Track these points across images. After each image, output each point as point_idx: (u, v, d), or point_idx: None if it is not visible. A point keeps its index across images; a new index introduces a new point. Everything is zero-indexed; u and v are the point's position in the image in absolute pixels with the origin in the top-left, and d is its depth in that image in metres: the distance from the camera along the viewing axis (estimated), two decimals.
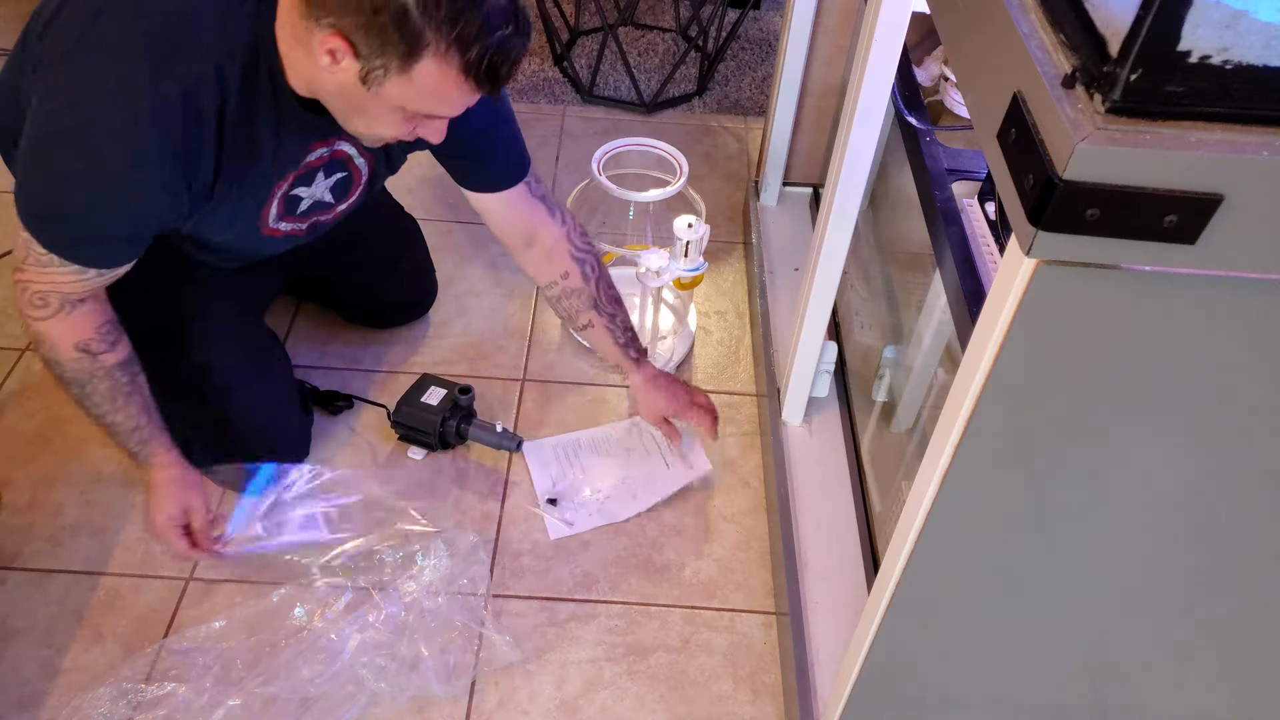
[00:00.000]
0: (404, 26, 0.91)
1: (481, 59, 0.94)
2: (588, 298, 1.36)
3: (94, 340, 1.11)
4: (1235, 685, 0.90)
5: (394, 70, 0.94)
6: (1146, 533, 0.74)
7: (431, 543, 1.32)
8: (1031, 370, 0.62)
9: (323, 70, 0.96)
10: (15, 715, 1.16)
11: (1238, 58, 0.49)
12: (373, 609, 1.24)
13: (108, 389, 1.14)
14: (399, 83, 0.95)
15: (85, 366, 1.12)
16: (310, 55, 0.96)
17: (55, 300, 1.07)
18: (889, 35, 1.01)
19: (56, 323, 1.08)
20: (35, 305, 1.07)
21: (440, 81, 0.95)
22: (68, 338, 1.10)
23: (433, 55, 0.93)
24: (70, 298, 1.08)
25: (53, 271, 1.05)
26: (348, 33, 0.92)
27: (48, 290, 1.06)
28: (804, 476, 1.38)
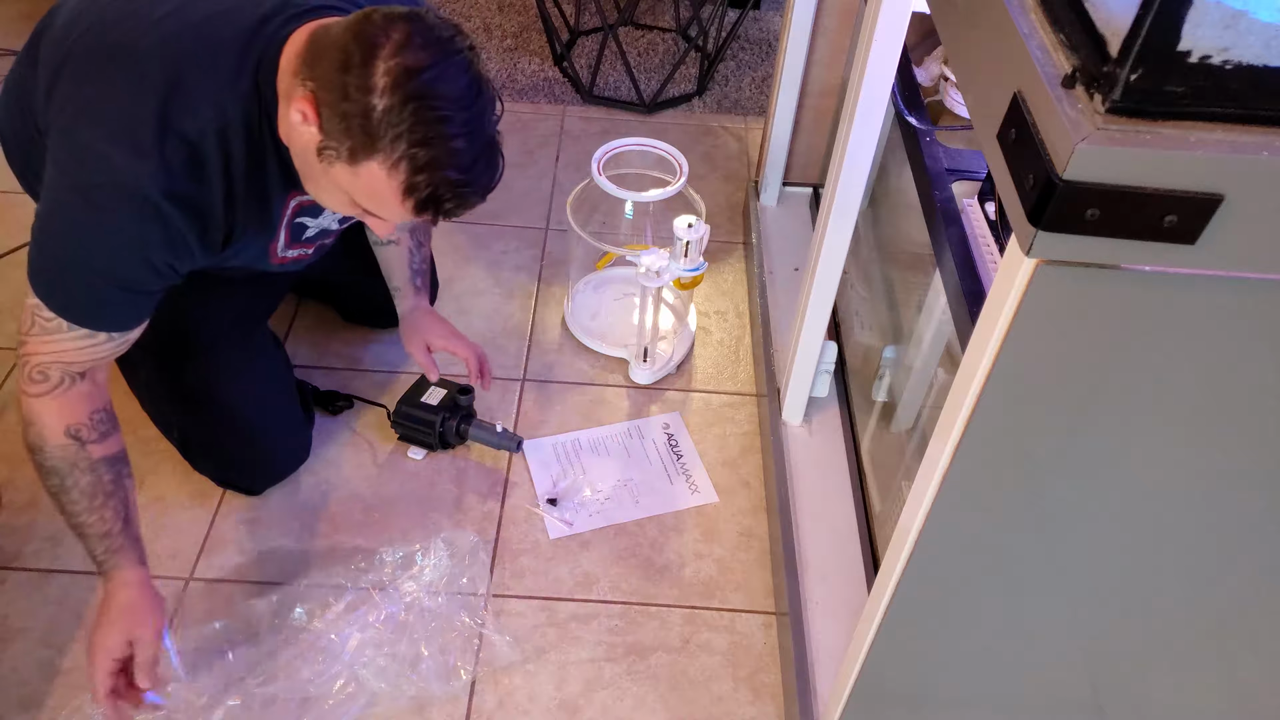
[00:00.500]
0: (365, 124, 0.91)
1: (425, 188, 0.94)
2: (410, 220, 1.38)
3: (85, 427, 1.03)
4: (1235, 685, 0.90)
5: (344, 158, 0.94)
6: (1146, 532, 0.74)
7: (431, 542, 1.32)
8: (1031, 370, 0.62)
9: (293, 126, 0.96)
10: (15, 715, 1.16)
11: (1238, 58, 0.49)
12: (372, 609, 1.24)
13: (88, 484, 1.04)
14: (346, 171, 0.95)
15: (70, 455, 1.02)
16: (287, 109, 0.97)
17: (56, 373, 1.02)
18: (889, 35, 1.01)
19: (52, 399, 1.01)
20: (34, 380, 1.01)
21: (380, 190, 0.95)
22: (59, 419, 1.02)
23: (380, 163, 0.92)
24: (71, 369, 1.02)
25: (59, 339, 1.01)
26: (319, 103, 0.93)
27: (50, 362, 1.01)
28: (804, 476, 1.38)
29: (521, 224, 1.89)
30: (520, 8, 2.50)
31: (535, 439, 1.51)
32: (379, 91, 0.90)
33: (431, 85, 0.90)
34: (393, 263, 1.43)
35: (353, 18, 0.94)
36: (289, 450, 1.41)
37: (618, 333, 1.67)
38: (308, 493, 1.41)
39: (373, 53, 0.90)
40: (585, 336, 1.66)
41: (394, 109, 0.90)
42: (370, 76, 0.89)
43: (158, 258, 1.01)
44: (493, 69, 2.28)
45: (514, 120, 2.14)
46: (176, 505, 1.38)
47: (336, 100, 0.91)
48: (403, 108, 0.90)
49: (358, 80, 0.90)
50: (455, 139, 0.92)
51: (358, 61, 0.90)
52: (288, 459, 1.41)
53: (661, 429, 1.54)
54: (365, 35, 0.91)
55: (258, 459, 1.38)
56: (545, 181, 1.99)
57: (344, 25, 0.94)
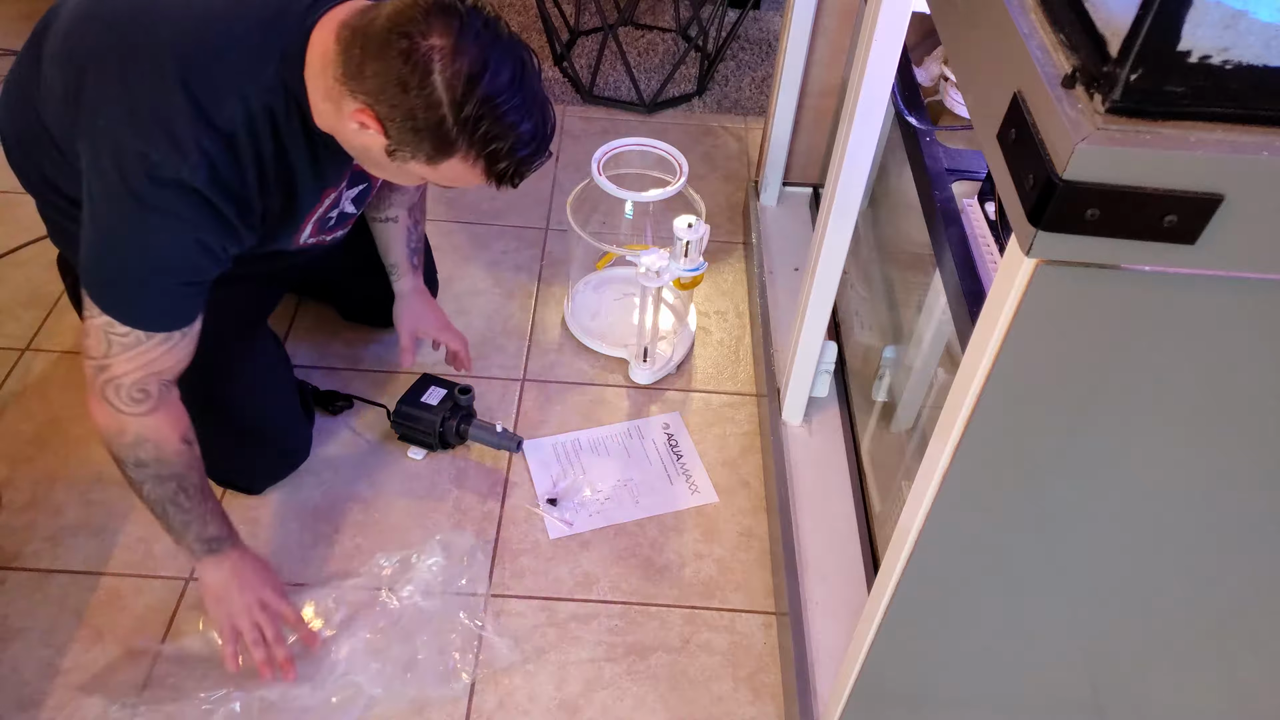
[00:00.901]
0: (437, 133, 0.97)
1: (507, 170, 1.02)
2: (409, 198, 1.41)
3: (189, 429, 1.08)
4: (1235, 685, 0.90)
5: (421, 160, 1.00)
6: (1146, 532, 0.74)
7: (427, 544, 1.32)
8: (1031, 370, 0.62)
9: (349, 130, 1.01)
10: (15, 715, 1.16)
11: (1238, 58, 0.49)
12: (370, 612, 1.24)
13: (199, 480, 1.10)
14: (423, 167, 1.02)
15: (187, 458, 1.07)
16: (339, 113, 1.01)
17: (153, 387, 1.03)
18: (889, 35, 1.01)
19: (161, 414, 1.04)
20: (136, 400, 1.02)
21: (463, 175, 1.02)
22: (174, 430, 1.06)
23: (460, 159, 1.00)
24: (164, 378, 1.04)
25: (143, 351, 1.02)
26: (380, 116, 0.97)
27: (144, 376, 1.02)
28: (804, 476, 1.38)
29: (521, 224, 1.89)
30: (520, 8, 2.50)
31: (535, 439, 1.51)
32: (446, 105, 0.95)
33: (490, 86, 0.95)
34: (391, 239, 1.44)
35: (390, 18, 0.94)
36: (289, 450, 1.41)
37: (618, 333, 1.67)
38: (308, 492, 1.41)
39: (426, 68, 0.93)
40: (585, 336, 1.66)
41: (467, 120, 0.96)
42: (432, 93, 0.94)
43: (214, 242, 1.03)
44: None
45: None
46: None
47: (403, 118, 0.96)
48: (475, 118, 0.96)
49: (422, 100, 0.94)
50: (522, 123, 0.99)
51: (416, 83, 0.94)
52: (287, 459, 1.41)
53: (661, 429, 1.54)
54: (412, 51, 0.93)
55: (257, 459, 1.38)
56: (545, 181, 1.99)
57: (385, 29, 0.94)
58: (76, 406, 1.50)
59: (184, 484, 1.09)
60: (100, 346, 1.01)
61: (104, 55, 1.01)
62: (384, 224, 1.43)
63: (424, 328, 1.48)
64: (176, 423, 1.07)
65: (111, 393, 1.02)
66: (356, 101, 0.97)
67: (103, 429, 1.05)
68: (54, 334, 1.60)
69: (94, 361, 1.02)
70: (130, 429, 1.04)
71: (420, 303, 1.49)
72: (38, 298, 1.66)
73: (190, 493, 1.10)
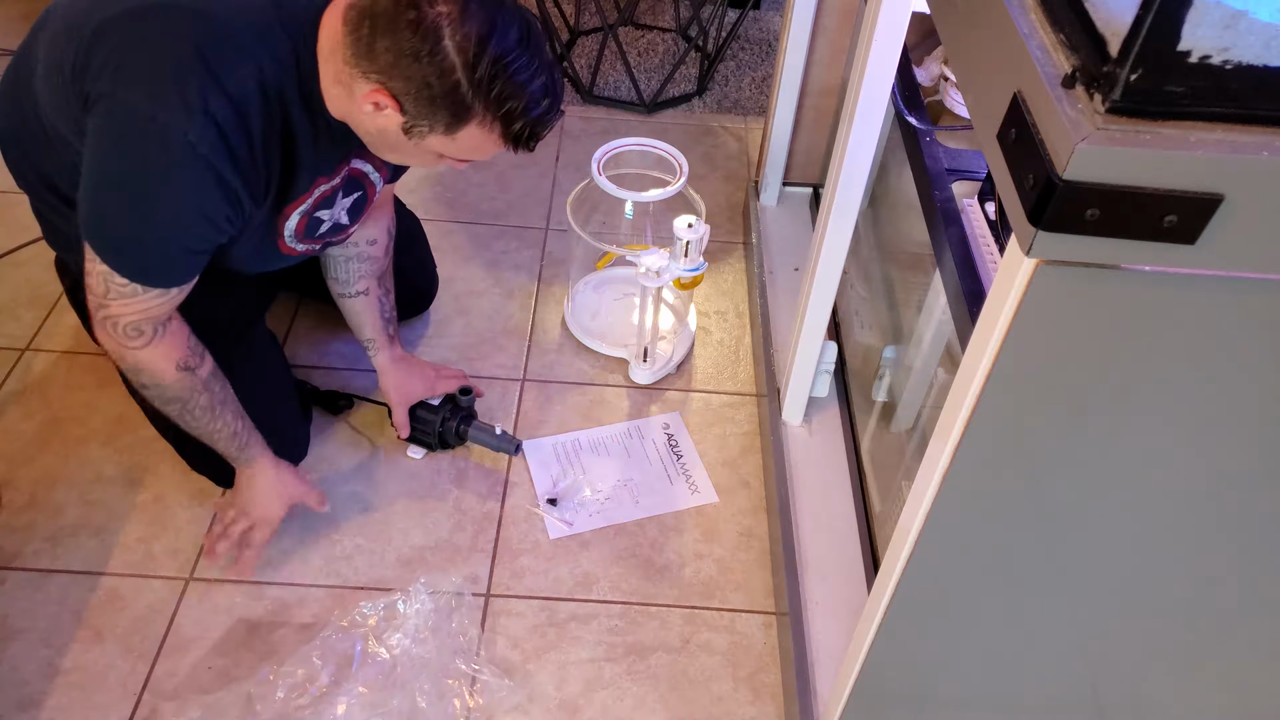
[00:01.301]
0: (453, 99, 0.98)
1: (523, 131, 1.03)
2: (378, 267, 1.40)
3: (188, 355, 1.12)
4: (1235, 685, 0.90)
5: (438, 131, 1.01)
6: (1146, 532, 0.74)
7: (412, 588, 1.26)
8: (1031, 370, 0.62)
9: (363, 114, 1.02)
10: (15, 715, 1.16)
11: (1238, 58, 0.49)
12: (361, 665, 1.19)
13: (207, 401, 1.15)
14: (441, 140, 1.02)
15: (186, 383, 1.12)
16: (351, 97, 1.02)
17: (148, 327, 1.08)
18: (889, 35, 1.01)
19: (155, 348, 1.09)
20: (131, 336, 1.07)
21: (481, 143, 1.03)
22: (169, 359, 1.10)
23: (478, 124, 1.00)
24: (159, 319, 1.08)
25: (140, 300, 1.05)
26: (395, 93, 0.98)
27: (139, 319, 1.06)
28: (804, 476, 1.38)
29: (521, 224, 1.89)
30: None
31: (535, 439, 1.51)
32: (459, 69, 0.96)
33: (500, 46, 0.96)
34: (364, 313, 1.40)
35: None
36: (284, 449, 1.41)
37: (618, 333, 1.67)
38: None
39: (437, 35, 0.94)
40: (585, 336, 1.66)
41: (481, 81, 0.97)
42: (445, 59, 0.95)
43: (217, 212, 1.03)
44: None
45: None
46: (176, 505, 1.38)
47: (418, 89, 0.97)
48: (489, 79, 0.97)
49: (434, 68, 0.95)
50: (532, 81, 1.00)
51: (427, 51, 0.95)
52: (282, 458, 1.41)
53: (661, 429, 1.54)
54: (420, 20, 0.94)
55: None
56: (545, 181, 1.99)
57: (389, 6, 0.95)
58: (76, 406, 1.50)
59: (188, 405, 1.14)
60: (99, 287, 1.05)
61: (114, 21, 1.00)
62: (354, 299, 1.39)
63: (415, 395, 1.44)
64: (171, 353, 1.10)
65: (110, 327, 1.07)
66: (370, 82, 0.98)
67: (105, 349, 1.10)
68: (54, 334, 1.60)
69: (94, 298, 1.06)
70: (127, 358, 1.09)
71: (404, 372, 1.44)
72: (38, 298, 1.66)
73: (196, 413, 1.16)
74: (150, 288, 1.05)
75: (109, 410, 1.49)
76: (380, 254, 1.39)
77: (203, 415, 1.16)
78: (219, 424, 1.18)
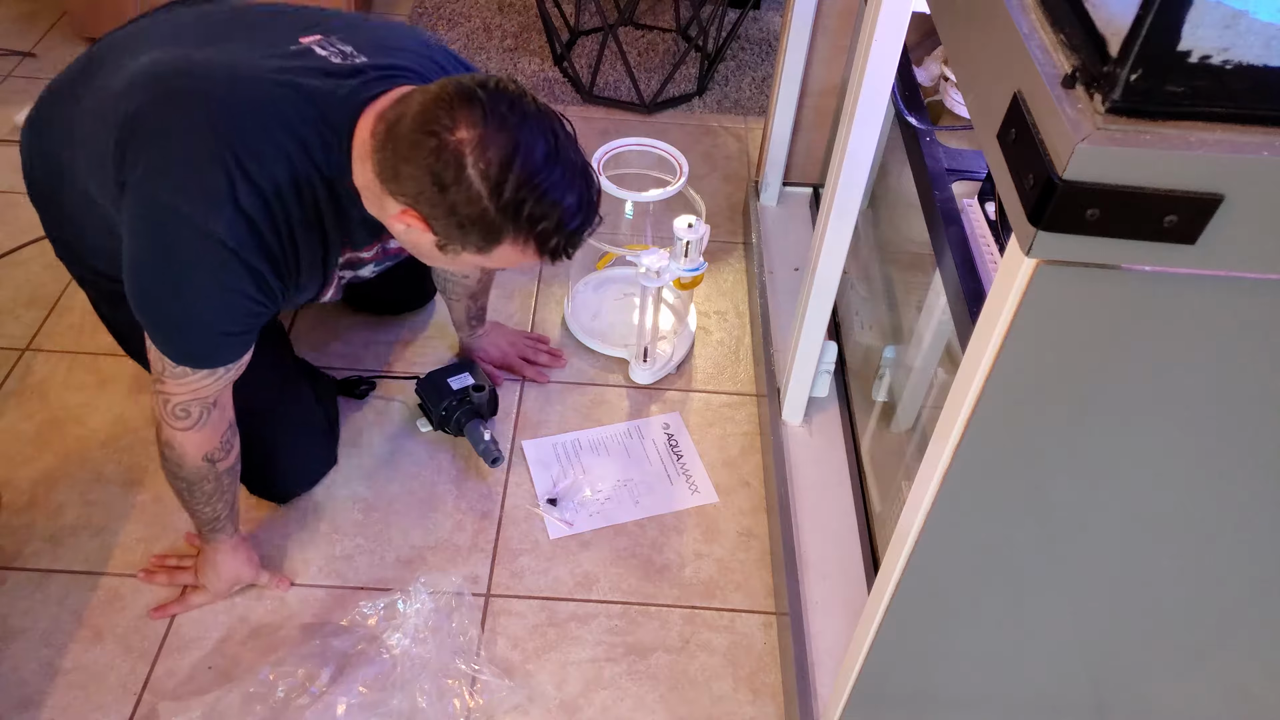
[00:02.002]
0: (483, 224, 0.96)
1: (559, 245, 1.01)
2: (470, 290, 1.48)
3: (217, 449, 1.14)
4: (1235, 685, 0.90)
5: (472, 250, 1.00)
6: (1146, 532, 0.74)
7: (412, 588, 1.26)
8: (1031, 370, 0.62)
9: (398, 229, 1.03)
10: (15, 715, 1.16)
11: (1238, 58, 0.49)
12: (360, 665, 1.19)
13: (211, 488, 1.17)
14: (475, 256, 1.02)
15: (202, 472, 1.14)
16: (384, 211, 1.02)
17: (196, 409, 1.09)
18: (889, 35, 1.01)
19: (195, 433, 1.11)
20: (179, 416, 1.09)
21: (516, 257, 1.02)
22: (199, 449, 1.12)
23: (511, 243, 0.99)
24: (208, 401, 1.10)
25: (190, 380, 1.07)
26: (424, 216, 0.98)
27: (189, 400, 1.08)
28: (804, 476, 1.38)
29: None
30: (520, 8, 2.50)
31: (535, 439, 1.51)
32: (486, 196, 0.94)
33: (526, 165, 0.94)
34: (455, 313, 1.53)
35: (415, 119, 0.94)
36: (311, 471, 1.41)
37: (618, 333, 1.67)
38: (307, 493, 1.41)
39: (459, 164, 0.93)
40: (585, 336, 1.66)
41: (509, 205, 0.95)
42: (470, 186, 0.93)
43: (250, 300, 1.04)
44: (493, 69, 2.28)
45: None
46: (176, 505, 1.37)
47: (445, 214, 0.96)
48: (516, 203, 0.95)
49: (461, 195, 0.94)
50: (565, 196, 0.98)
51: (451, 179, 0.93)
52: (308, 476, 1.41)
53: (661, 429, 1.54)
54: (442, 149, 0.92)
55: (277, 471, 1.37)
56: None
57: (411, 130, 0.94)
58: (76, 407, 1.50)
59: (193, 489, 1.16)
60: (157, 365, 1.08)
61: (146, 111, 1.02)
62: (452, 302, 1.51)
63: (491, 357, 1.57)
64: (205, 444, 1.12)
65: (161, 403, 1.09)
66: (399, 203, 0.98)
67: (154, 416, 1.12)
68: (54, 334, 1.60)
69: (154, 374, 1.09)
70: (164, 433, 1.11)
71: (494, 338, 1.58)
72: (38, 298, 1.66)
73: (197, 494, 1.17)
74: (199, 369, 1.07)
75: (109, 410, 1.49)
76: (472, 284, 1.46)
77: (199, 497, 1.17)
78: (208, 508, 1.19)
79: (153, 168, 1.00)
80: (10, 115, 2.01)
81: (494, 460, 1.41)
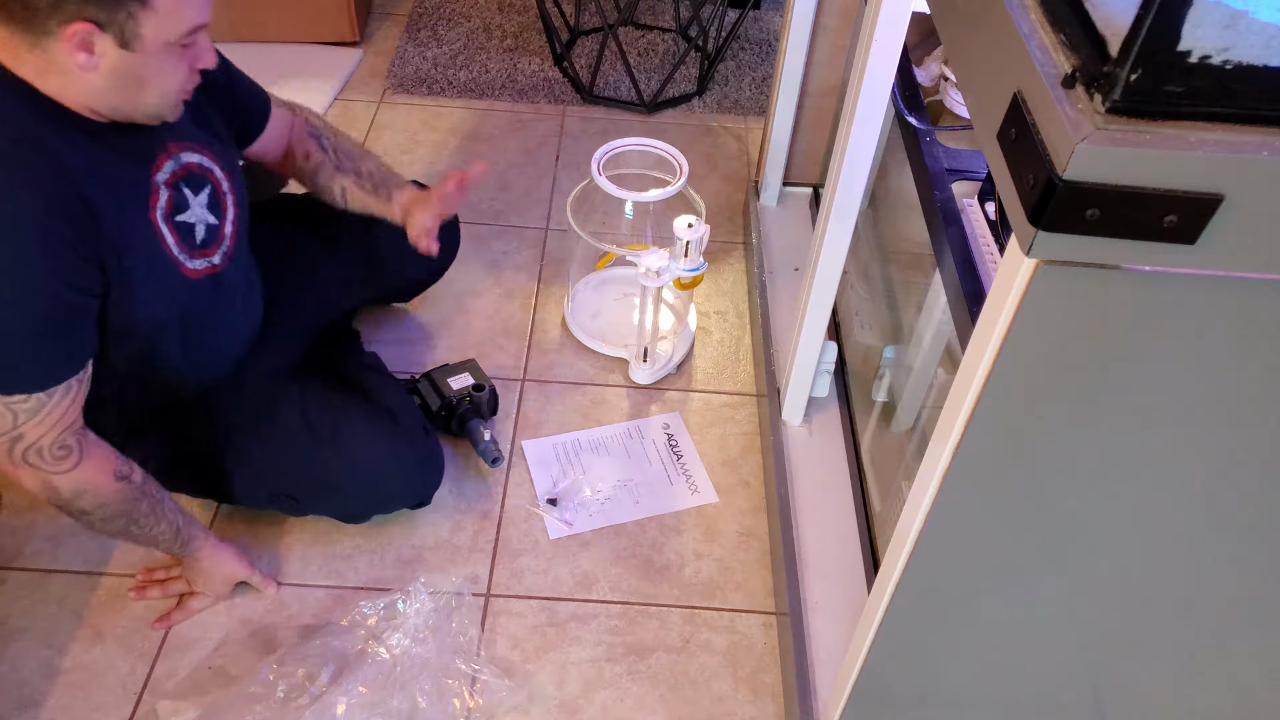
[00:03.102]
0: None
1: None
2: (331, 167, 1.36)
3: (119, 464, 1.07)
4: (1235, 685, 0.90)
5: (140, 16, 0.93)
6: (1146, 532, 0.74)
7: (411, 588, 1.26)
8: (1031, 370, 0.62)
9: (86, 71, 0.95)
10: (15, 715, 1.16)
11: (1238, 58, 0.49)
12: (360, 665, 1.18)
13: (148, 506, 1.11)
14: (149, 19, 0.94)
15: (128, 493, 1.08)
16: (65, 71, 0.95)
17: (71, 439, 1.02)
18: (889, 35, 1.01)
19: (87, 462, 1.03)
20: (60, 458, 1.01)
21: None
22: (105, 471, 1.05)
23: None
24: (75, 427, 1.02)
25: (49, 410, 0.99)
26: (77, 13, 0.91)
27: (59, 433, 1.00)
28: (804, 476, 1.38)
29: (521, 224, 1.89)
30: (520, 8, 2.50)
31: (535, 439, 1.51)
32: None
33: None
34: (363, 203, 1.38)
35: None
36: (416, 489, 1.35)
37: (618, 333, 1.67)
38: None
39: None
40: (585, 336, 1.66)
41: None
42: None
43: (58, 272, 0.97)
44: (493, 69, 2.28)
45: (514, 120, 2.14)
46: None
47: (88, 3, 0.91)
48: None
49: None
50: None
51: None
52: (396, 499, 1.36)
53: (661, 429, 1.54)
54: None
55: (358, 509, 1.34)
56: (545, 181, 1.99)
57: None
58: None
59: (133, 515, 1.10)
60: (6, 421, 0.98)
61: None
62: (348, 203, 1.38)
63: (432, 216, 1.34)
64: (104, 464, 1.05)
65: (35, 458, 1.00)
66: (55, 36, 0.92)
67: (38, 492, 1.03)
68: None
69: (5, 436, 0.98)
70: (64, 486, 1.03)
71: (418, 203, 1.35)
72: None
73: (141, 521, 1.11)
74: (52, 391, 0.98)
75: None
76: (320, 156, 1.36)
77: (148, 522, 1.12)
78: (163, 525, 1.14)
79: None
80: None
81: (494, 460, 1.41)
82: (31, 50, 0.93)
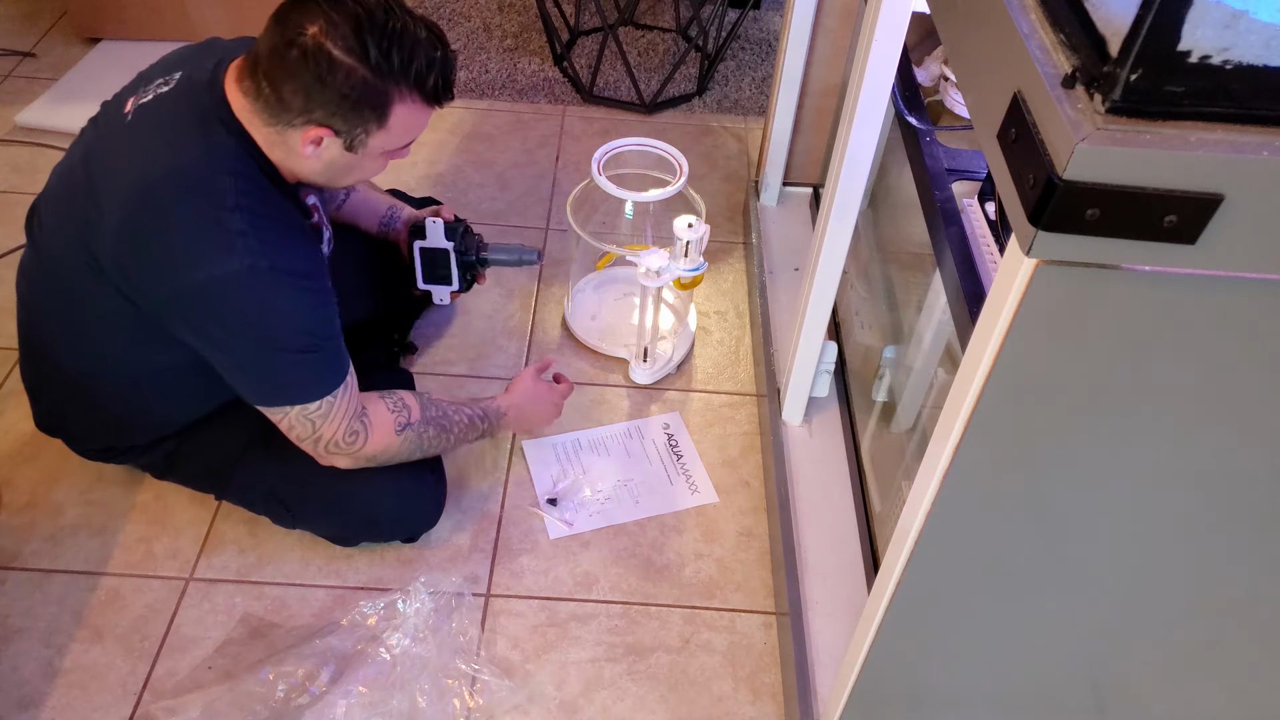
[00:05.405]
0: (367, 92, 1.03)
1: (436, 84, 1.08)
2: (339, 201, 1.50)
3: (395, 417, 1.20)
4: (1235, 685, 0.90)
5: (373, 129, 1.07)
6: (1146, 532, 0.74)
7: (411, 587, 1.26)
8: (1031, 370, 0.62)
9: (307, 162, 1.08)
10: (15, 715, 1.16)
11: (1238, 58, 0.49)
12: (360, 665, 1.19)
13: (435, 432, 1.25)
14: (379, 135, 1.08)
15: (411, 438, 1.22)
16: (291, 152, 1.07)
17: (357, 424, 1.16)
18: (889, 35, 1.01)
19: (374, 434, 1.18)
20: (352, 442, 1.17)
21: (412, 117, 1.09)
22: (389, 434, 1.19)
23: (399, 101, 1.06)
24: (357, 411, 1.16)
25: (336, 407, 1.13)
26: (322, 121, 1.04)
27: (347, 423, 1.15)
28: (804, 476, 1.38)
29: (521, 224, 1.89)
30: (520, 8, 2.50)
31: (535, 439, 1.51)
32: (359, 65, 1.01)
33: (374, 25, 1.01)
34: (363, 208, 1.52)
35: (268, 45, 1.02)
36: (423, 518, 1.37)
37: (618, 333, 1.67)
38: None
39: (323, 50, 1.00)
40: (585, 336, 1.66)
41: (378, 63, 1.02)
42: (342, 65, 1.00)
43: (313, 291, 1.10)
44: (493, 69, 2.28)
45: (514, 120, 2.14)
46: (176, 505, 1.38)
47: (337, 103, 1.03)
48: (382, 56, 1.02)
49: (340, 77, 1.01)
50: (419, 33, 1.05)
51: (326, 68, 1.00)
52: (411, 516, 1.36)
53: (661, 429, 1.54)
54: (304, 49, 0.99)
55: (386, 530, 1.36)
56: (545, 181, 1.99)
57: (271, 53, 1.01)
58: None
59: (423, 447, 1.24)
60: (306, 429, 1.14)
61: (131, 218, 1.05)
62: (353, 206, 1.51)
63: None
64: (387, 428, 1.19)
65: (334, 450, 1.16)
66: (297, 128, 1.04)
67: (350, 469, 1.20)
68: None
69: (308, 441, 1.15)
70: (361, 458, 1.19)
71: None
72: None
73: (435, 445, 1.26)
74: (335, 393, 1.12)
75: None
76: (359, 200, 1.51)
77: (440, 441, 1.26)
78: (455, 433, 1.28)
79: (156, 257, 1.05)
80: (10, 115, 2.01)
81: (538, 256, 1.48)
82: (268, 126, 1.06)
